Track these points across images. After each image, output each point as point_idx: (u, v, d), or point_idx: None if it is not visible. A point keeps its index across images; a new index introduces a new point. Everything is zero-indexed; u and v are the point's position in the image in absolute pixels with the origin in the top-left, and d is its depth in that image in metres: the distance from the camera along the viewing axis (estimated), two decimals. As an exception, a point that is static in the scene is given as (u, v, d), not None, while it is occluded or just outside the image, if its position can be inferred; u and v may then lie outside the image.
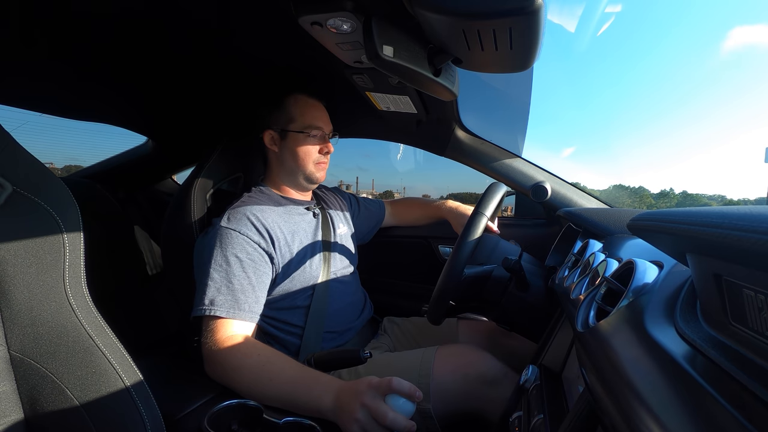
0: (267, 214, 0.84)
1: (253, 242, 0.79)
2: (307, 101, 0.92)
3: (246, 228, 0.79)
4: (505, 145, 1.09)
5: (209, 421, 0.52)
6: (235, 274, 0.74)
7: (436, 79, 0.58)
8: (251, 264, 0.77)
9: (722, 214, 0.22)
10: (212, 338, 0.69)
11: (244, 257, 0.76)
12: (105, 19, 0.69)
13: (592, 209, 0.86)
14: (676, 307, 0.32)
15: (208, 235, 0.80)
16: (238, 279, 0.74)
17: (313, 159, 0.91)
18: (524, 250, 0.83)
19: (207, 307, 0.71)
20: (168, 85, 1.00)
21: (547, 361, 0.61)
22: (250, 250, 0.78)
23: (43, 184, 0.40)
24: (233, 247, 0.76)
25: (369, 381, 0.58)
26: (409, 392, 0.56)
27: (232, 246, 0.76)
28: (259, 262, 0.79)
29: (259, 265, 0.78)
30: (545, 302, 0.74)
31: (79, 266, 0.42)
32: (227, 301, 0.72)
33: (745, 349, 0.23)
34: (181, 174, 1.59)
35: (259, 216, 0.83)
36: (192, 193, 0.87)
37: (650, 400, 0.24)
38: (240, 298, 0.73)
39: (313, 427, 0.52)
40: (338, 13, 0.53)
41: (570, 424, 0.37)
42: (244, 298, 0.73)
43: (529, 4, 0.41)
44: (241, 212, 0.82)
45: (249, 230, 0.79)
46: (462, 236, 0.71)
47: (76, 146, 1.86)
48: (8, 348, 0.38)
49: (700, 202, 4.92)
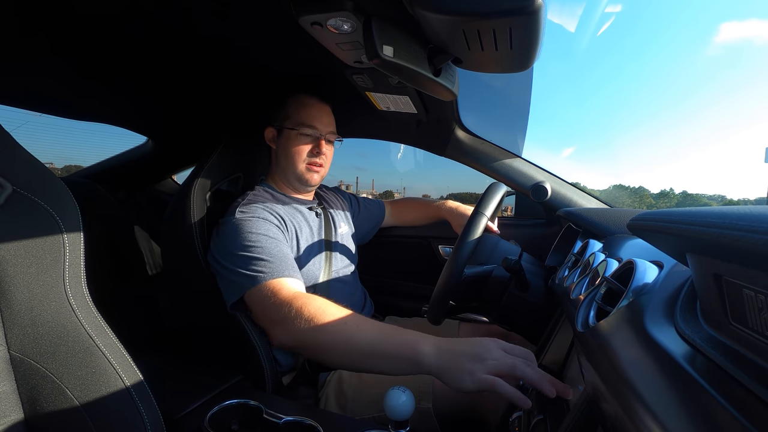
0: (277, 208, 0.86)
1: (272, 224, 0.80)
2: (306, 100, 0.91)
3: (262, 213, 0.81)
4: (505, 145, 1.09)
5: (209, 421, 0.52)
6: (267, 246, 0.73)
7: (436, 79, 0.58)
8: (276, 241, 0.76)
9: (722, 214, 0.22)
10: (273, 302, 0.65)
11: (272, 234, 0.77)
12: (106, 19, 0.69)
13: (592, 209, 0.86)
14: (676, 307, 0.32)
15: (224, 230, 0.78)
16: (270, 249, 0.73)
17: (303, 159, 0.90)
18: (524, 250, 0.83)
19: (252, 278, 0.68)
20: (168, 85, 1.00)
21: (547, 361, 0.61)
22: (273, 229, 0.79)
23: (43, 184, 0.40)
24: (257, 227, 0.76)
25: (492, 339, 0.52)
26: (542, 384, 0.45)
27: (256, 227, 0.76)
28: (282, 242, 0.79)
29: (282, 244, 0.78)
30: (545, 302, 0.74)
31: (79, 266, 0.42)
32: (272, 265, 0.70)
33: (745, 349, 0.23)
34: (181, 174, 1.59)
35: (271, 207, 0.84)
36: (192, 193, 0.87)
37: (650, 400, 0.24)
38: (283, 260, 0.72)
39: (314, 426, 0.52)
40: (338, 13, 0.53)
41: (570, 424, 0.37)
42: (287, 261, 0.72)
43: (529, 4, 0.41)
44: (253, 205, 0.83)
45: (266, 215, 0.81)
46: (462, 236, 0.71)
47: (76, 146, 1.86)
48: (8, 348, 0.38)
49: (700, 202, 4.92)
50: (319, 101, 0.93)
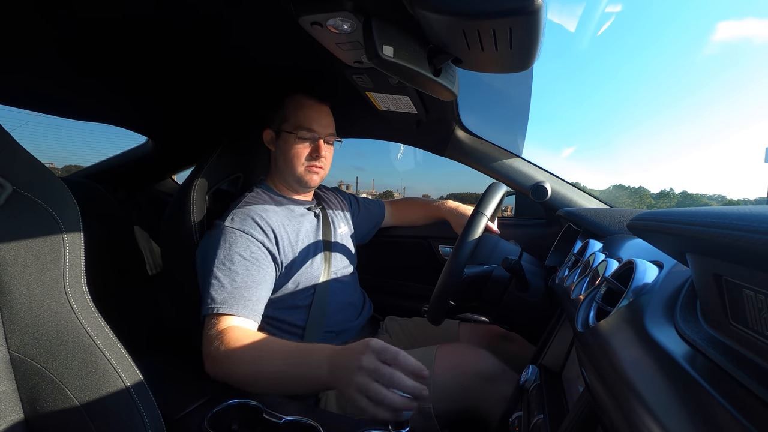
0: (271, 215, 0.85)
1: (257, 241, 0.79)
2: (304, 102, 0.90)
3: (250, 228, 0.79)
4: (505, 145, 1.09)
5: (209, 421, 0.52)
6: (239, 273, 0.74)
7: (436, 79, 0.58)
8: (255, 263, 0.77)
9: (722, 214, 0.22)
10: (215, 335, 0.68)
11: (248, 256, 0.76)
12: (107, 19, 0.69)
13: (592, 209, 0.86)
14: (676, 307, 0.32)
15: (212, 236, 0.80)
16: (241, 277, 0.74)
17: (302, 161, 0.89)
18: (524, 250, 0.83)
19: (211, 305, 0.71)
20: (168, 85, 1.00)
21: (547, 361, 0.61)
22: (254, 249, 0.78)
23: (43, 184, 0.40)
24: (238, 246, 0.76)
25: (368, 343, 0.53)
26: (416, 371, 0.51)
27: (236, 245, 0.76)
28: (263, 262, 0.78)
29: (263, 264, 0.78)
30: (545, 302, 0.74)
31: (79, 266, 0.42)
32: (230, 299, 0.71)
33: (745, 349, 0.23)
34: (181, 174, 1.59)
35: (264, 216, 0.83)
36: (191, 193, 0.87)
37: (650, 400, 0.24)
38: (244, 296, 0.73)
39: (314, 426, 0.52)
40: (338, 13, 0.53)
41: (570, 424, 0.37)
42: (248, 296, 0.73)
43: (529, 4, 0.41)
44: (245, 213, 0.82)
45: (253, 230, 0.80)
46: (462, 236, 0.71)
47: (76, 146, 1.85)
48: (8, 348, 0.38)
49: (700, 202, 4.92)
50: (317, 102, 0.91)
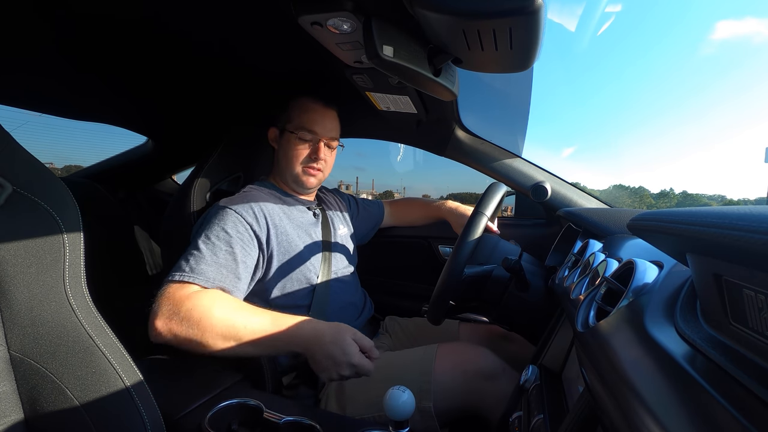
0: (269, 205, 0.86)
1: (245, 222, 0.79)
2: (309, 105, 0.92)
3: (242, 209, 0.80)
4: (505, 145, 1.09)
5: (209, 421, 0.52)
6: (220, 248, 0.74)
7: (436, 79, 0.58)
8: (239, 241, 0.77)
9: (722, 214, 0.22)
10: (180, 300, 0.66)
11: (234, 233, 0.77)
12: (107, 18, 0.69)
13: (592, 209, 0.86)
14: (676, 307, 0.32)
15: (207, 214, 0.81)
16: (222, 252, 0.74)
17: (300, 162, 0.91)
18: (524, 250, 0.83)
19: (187, 273, 0.69)
20: (168, 85, 1.00)
21: (547, 361, 0.61)
22: (240, 228, 0.78)
23: (43, 184, 0.40)
24: (225, 222, 0.77)
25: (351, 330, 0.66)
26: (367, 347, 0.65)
27: (224, 221, 0.77)
28: (247, 242, 0.78)
29: (246, 244, 0.78)
30: (545, 302, 0.74)
31: (79, 266, 0.42)
32: (207, 272, 0.70)
33: (745, 349, 0.23)
34: (181, 174, 1.59)
35: (260, 204, 0.84)
36: (192, 193, 0.87)
37: (650, 400, 0.24)
38: (221, 272, 0.72)
39: (314, 426, 0.52)
40: (338, 13, 0.53)
41: (570, 424, 0.37)
42: (225, 273, 0.73)
43: (529, 4, 0.41)
44: (243, 197, 0.84)
45: (244, 211, 0.80)
46: (462, 236, 0.71)
47: (76, 146, 1.85)
48: (8, 348, 0.38)
49: (700, 202, 4.92)
50: (323, 106, 0.93)
